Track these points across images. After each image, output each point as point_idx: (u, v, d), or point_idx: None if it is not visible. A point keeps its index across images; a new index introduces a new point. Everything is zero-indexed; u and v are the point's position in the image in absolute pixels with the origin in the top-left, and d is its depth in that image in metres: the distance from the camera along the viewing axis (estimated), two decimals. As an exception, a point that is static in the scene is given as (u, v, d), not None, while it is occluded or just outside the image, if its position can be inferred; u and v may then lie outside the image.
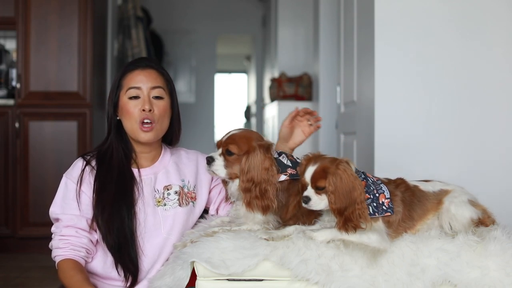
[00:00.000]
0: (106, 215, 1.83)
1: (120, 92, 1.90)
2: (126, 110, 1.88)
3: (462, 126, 2.65)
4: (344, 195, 1.56)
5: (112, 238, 1.82)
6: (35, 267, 3.70)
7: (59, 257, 1.82)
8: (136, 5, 5.17)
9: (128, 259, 1.84)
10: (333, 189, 1.57)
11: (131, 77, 1.90)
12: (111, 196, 1.85)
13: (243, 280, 1.63)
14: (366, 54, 2.82)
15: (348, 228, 1.56)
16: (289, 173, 1.72)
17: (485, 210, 1.73)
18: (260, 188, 1.68)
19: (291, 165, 1.74)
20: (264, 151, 1.71)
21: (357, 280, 1.60)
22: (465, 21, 2.66)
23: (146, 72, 1.90)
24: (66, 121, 4.15)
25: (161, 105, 1.90)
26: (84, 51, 4.16)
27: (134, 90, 1.88)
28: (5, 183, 4.11)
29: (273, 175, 1.69)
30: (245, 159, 1.70)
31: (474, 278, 1.60)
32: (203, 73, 8.02)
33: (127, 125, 1.90)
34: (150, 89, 1.89)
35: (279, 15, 5.56)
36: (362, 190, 1.58)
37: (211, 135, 7.95)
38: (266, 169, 1.69)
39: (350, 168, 1.59)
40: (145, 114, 1.86)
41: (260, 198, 1.68)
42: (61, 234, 1.84)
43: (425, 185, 1.75)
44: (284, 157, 1.75)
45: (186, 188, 1.96)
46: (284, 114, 4.97)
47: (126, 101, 1.88)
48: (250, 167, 1.69)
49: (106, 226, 1.82)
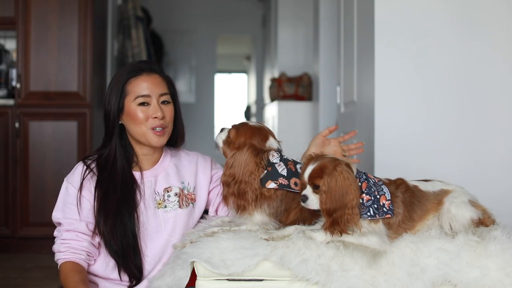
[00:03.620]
0: (110, 223, 1.84)
1: (125, 99, 1.89)
2: (136, 117, 1.87)
3: (462, 126, 2.65)
4: (336, 197, 1.55)
5: (116, 244, 1.83)
6: (35, 267, 3.70)
7: (60, 260, 1.84)
8: (136, 5, 5.17)
9: (132, 264, 1.85)
10: (326, 189, 1.56)
11: (137, 83, 1.88)
12: (114, 204, 1.85)
13: (243, 280, 1.63)
14: (366, 54, 2.82)
15: (334, 231, 1.57)
16: (280, 182, 1.70)
17: (485, 211, 1.73)
18: (239, 187, 1.68)
19: (286, 175, 1.71)
20: (253, 153, 1.70)
21: (357, 280, 1.60)
22: (465, 21, 2.66)
23: (151, 78, 1.89)
24: (66, 121, 4.15)
25: (169, 109, 1.91)
26: (84, 51, 4.16)
27: (143, 98, 1.87)
28: (5, 183, 4.11)
29: (254, 179, 1.68)
30: (232, 154, 1.72)
31: (474, 278, 1.60)
32: (203, 73, 8.02)
33: (136, 130, 1.89)
34: (159, 96, 1.89)
35: (279, 15, 5.56)
36: (356, 195, 1.57)
37: (211, 135, 7.94)
38: (249, 171, 1.68)
39: (348, 171, 1.58)
40: (158, 121, 1.87)
41: (237, 197, 1.69)
42: (62, 238, 1.86)
43: (425, 185, 1.75)
44: (281, 166, 1.72)
45: (186, 190, 1.96)
46: (284, 114, 5.00)
47: (135, 107, 1.87)
48: (234, 164, 1.70)
49: (109, 233, 1.83)
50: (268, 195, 1.70)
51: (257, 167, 1.69)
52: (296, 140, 4.81)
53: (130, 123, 1.89)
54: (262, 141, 1.75)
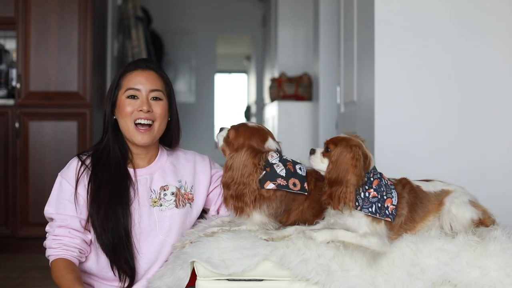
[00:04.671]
0: (101, 214, 1.83)
1: (118, 92, 1.90)
2: (122, 109, 1.88)
3: (462, 126, 2.65)
4: (338, 171, 1.63)
5: (107, 238, 1.82)
6: (35, 267, 3.70)
7: (52, 257, 1.84)
8: (136, 5, 5.17)
9: (123, 260, 1.84)
10: (334, 160, 1.64)
11: (131, 77, 1.90)
12: (106, 196, 1.85)
13: (243, 280, 1.63)
14: (366, 54, 2.82)
15: (327, 202, 1.65)
16: (278, 183, 1.70)
17: (485, 211, 1.73)
18: (237, 188, 1.69)
19: (285, 176, 1.72)
20: (252, 154, 1.70)
21: (357, 280, 1.60)
22: (464, 21, 2.66)
23: (146, 74, 1.90)
24: (66, 121, 4.15)
25: (159, 106, 1.90)
26: (84, 51, 4.16)
27: (132, 90, 1.88)
28: (5, 183, 4.11)
29: (252, 180, 1.68)
30: (231, 156, 1.72)
31: (474, 278, 1.60)
32: (203, 73, 8.02)
33: (123, 125, 1.90)
34: (149, 91, 1.89)
35: (279, 15, 5.56)
36: (356, 178, 1.61)
37: (211, 135, 7.94)
38: (247, 172, 1.69)
39: (359, 156, 1.63)
40: (142, 114, 1.86)
41: (235, 199, 1.69)
42: (54, 234, 1.85)
43: (426, 185, 1.75)
44: (280, 166, 1.72)
45: (183, 189, 1.96)
46: (284, 114, 5.00)
47: (123, 100, 1.89)
48: (233, 166, 1.71)
49: (101, 226, 1.82)
50: (267, 196, 1.70)
51: (255, 168, 1.69)
52: (296, 140, 4.83)
53: (119, 117, 1.90)
54: (261, 142, 1.75)
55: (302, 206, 1.74)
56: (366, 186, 1.64)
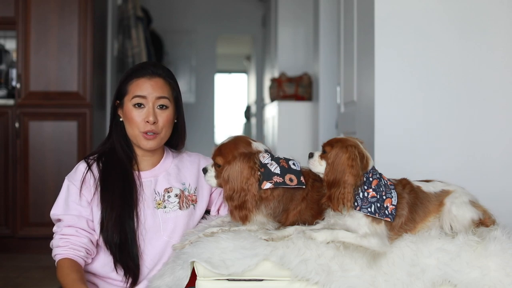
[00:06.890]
0: (108, 213, 1.85)
1: (125, 97, 1.91)
2: (130, 118, 1.89)
3: (461, 126, 2.65)
4: (335, 172, 1.63)
5: (114, 236, 1.84)
6: (35, 267, 3.70)
7: (58, 256, 1.84)
8: (136, 5, 5.17)
9: (129, 257, 1.85)
10: (331, 162, 1.65)
11: (137, 84, 1.90)
12: (113, 196, 1.86)
13: (243, 280, 1.63)
14: (366, 54, 2.82)
15: (326, 204, 1.65)
16: (274, 181, 1.70)
17: (485, 211, 1.74)
18: (240, 196, 1.69)
19: (280, 173, 1.72)
20: (245, 159, 1.70)
21: (357, 280, 1.60)
22: (464, 22, 2.66)
23: (152, 81, 1.90)
24: (66, 121, 4.15)
25: (165, 115, 1.90)
26: (84, 51, 4.16)
27: (139, 98, 1.88)
28: (5, 183, 4.11)
29: (251, 184, 1.68)
30: (225, 169, 1.71)
31: (474, 278, 1.60)
32: (203, 73, 8.02)
33: (129, 131, 1.92)
34: (156, 99, 1.89)
35: (279, 15, 5.56)
36: (353, 178, 1.62)
37: (211, 135, 7.95)
38: (245, 178, 1.69)
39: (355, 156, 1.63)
40: (149, 126, 1.87)
41: (239, 208, 1.69)
42: (61, 233, 1.86)
43: (427, 185, 1.75)
44: (273, 165, 1.73)
45: (187, 191, 1.97)
46: (284, 114, 4.99)
47: (130, 108, 1.89)
48: (230, 177, 1.70)
49: (108, 225, 1.84)
50: (265, 196, 1.70)
51: (252, 171, 1.69)
52: (296, 140, 4.83)
53: (126, 123, 1.92)
54: (248, 146, 1.75)
55: (300, 207, 1.74)
56: (365, 186, 1.64)
